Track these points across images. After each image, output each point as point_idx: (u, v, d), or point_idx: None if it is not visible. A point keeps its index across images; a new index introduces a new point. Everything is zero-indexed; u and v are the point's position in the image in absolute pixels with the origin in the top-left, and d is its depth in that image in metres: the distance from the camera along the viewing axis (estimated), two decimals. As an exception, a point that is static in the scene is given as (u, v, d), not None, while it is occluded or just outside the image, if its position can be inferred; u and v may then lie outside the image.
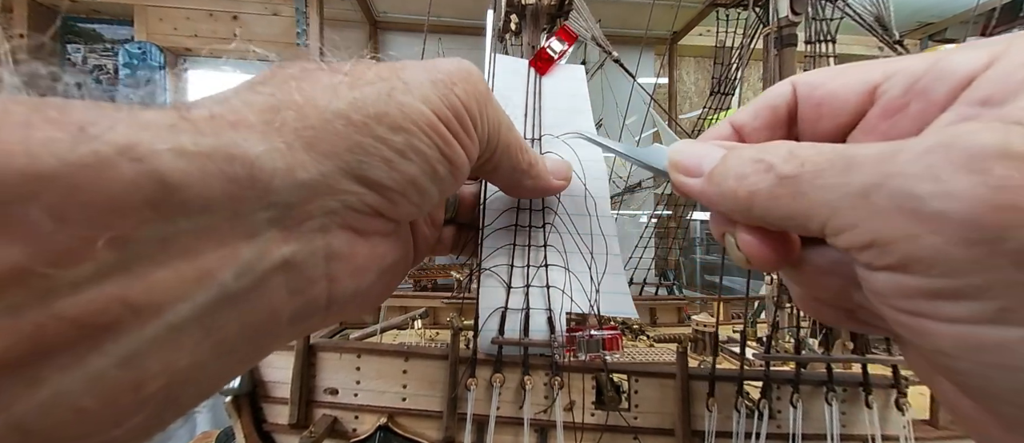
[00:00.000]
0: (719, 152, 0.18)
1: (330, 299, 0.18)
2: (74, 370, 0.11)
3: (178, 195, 0.12)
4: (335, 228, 0.17)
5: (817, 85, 0.18)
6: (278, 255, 0.15)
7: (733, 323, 1.75)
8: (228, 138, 0.14)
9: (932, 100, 0.14)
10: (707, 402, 0.90)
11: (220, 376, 0.15)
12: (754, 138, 0.20)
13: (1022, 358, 0.11)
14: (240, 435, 0.98)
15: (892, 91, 0.16)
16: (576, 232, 0.40)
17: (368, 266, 0.19)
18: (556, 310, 0.42)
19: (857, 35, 1.31)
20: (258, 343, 0.16)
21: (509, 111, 0.46)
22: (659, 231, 2.40)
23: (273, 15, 2.45)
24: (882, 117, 0.16)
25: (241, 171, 0.14)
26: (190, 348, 0.13)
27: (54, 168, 0.10)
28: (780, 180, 0.15)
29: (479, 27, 1.56)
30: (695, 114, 2.23)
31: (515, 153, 0.26)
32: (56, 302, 0.10)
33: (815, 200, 0.14)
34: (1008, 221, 0.11)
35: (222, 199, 0.13)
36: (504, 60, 0.53)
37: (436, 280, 2.37)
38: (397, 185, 0.18)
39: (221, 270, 0.13)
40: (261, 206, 0.14)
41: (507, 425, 0.85)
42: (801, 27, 1.32)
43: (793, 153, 0.15)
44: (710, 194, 0.18)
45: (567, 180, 0.33)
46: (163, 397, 0.13)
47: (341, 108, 0.17)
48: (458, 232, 0.34)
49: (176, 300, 0.12)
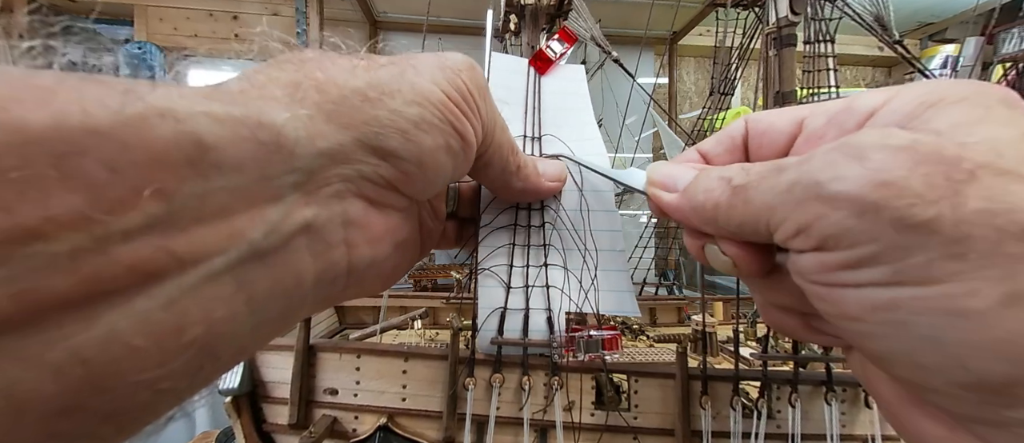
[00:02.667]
0: (692, 172, 0.22)
1: (350, 266, 0.19)
2: (125, 310, 0.12)
3: (213, 155, 0.13)
4: (351, 196, 0.19)
5: (761, 120, 0.22)
6: (301, 217, 0.16)
7: (733, 323, 1.75)
8: (256, 107, 0.15)
9: (844, 128, 0.18)
10: (701, 401, 0.90)
11: (254, 335, 0.16)
12: (717, 161, 0.24)
13: (909, 313, 0.14)
14: (240, 435, 0.98)
15: (814, 123, 0.20)
16: (575, 230, 0.39)
17: (383, 237, 0.21)
18: (555, 310, 0.42)
19: (857, 35, 1.31)
20: (287, 304, 0.17)
21: (508, 110, 0.46)
22: (659, 231, 2.40)
23: (273, 15, 2.45)
24: (807, 143, 0.20)
25: (268, 137, 0.15)
26: (226, 299, 0.14)
27: (107, 123, 0.11)
28: (734, 190, 0.19)
29: (479, 27, 1.56)
30: (695, 114, 2.23)
31: (506, 153, 0.27)
32: (111, 247, 0.11)
33: (760, 203, 0.17)
34: (885, 195, 0.14)
35: (252, 162, 0.15)
36: (502, 59, 0.52)
37: (436, 280, 2.37)
38: (412, 156, 0.20)
39: (251, 228, 0.15)
40: (286, 170, 0.16)
41: (507, 425, 0.85)
42: (800, 27, 1.32)
43: (744, 169, 0.19)
44: (684, 207, 0.22)
45: (561, 181, 0.34)
46: (202, 345, 0.14)
47: (358, 86, 0.18)
48: (460, 226, 0.35)
49: (213, 253, 0.14)
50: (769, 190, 0.17)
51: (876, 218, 0.14)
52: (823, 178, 0.15)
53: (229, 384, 0.94)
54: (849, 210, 0.14)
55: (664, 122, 2.13)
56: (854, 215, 0.14)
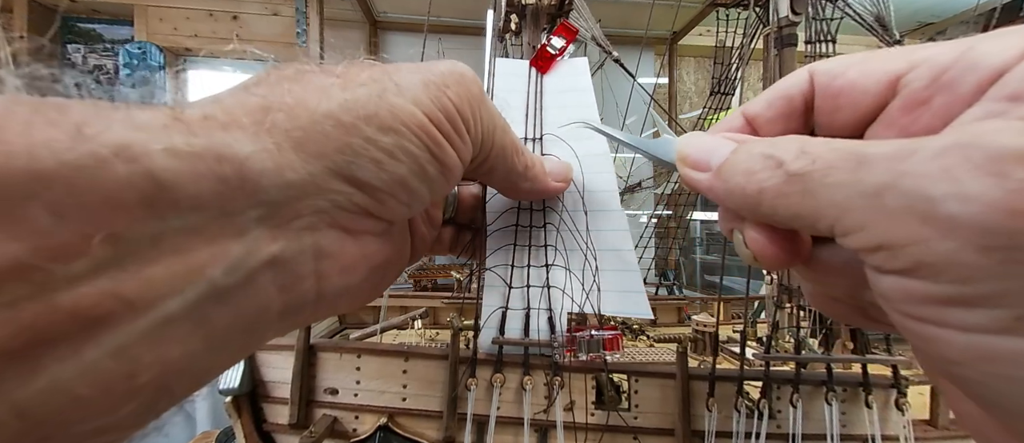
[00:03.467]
0: (729, 146, 0.18)
1: (319, 295, 0.18)
2: (70, 360, 0.11)
3: (170, 194, 0.13)
4: (324, 226, 0.17)
5: (836, 74, 0.17)
6: (266, 252, 0.15)
7: (733, 323, 1.75)
8: (219, 139, 0.14)
9: (958, 94, 0.13)
10: (707, 402, 0.90)
11: (213, 367, 0.16)
12: (767, 130, 0.19)
13: None
14: (240, 435, 0.98)
15: (915, 83, 0.14)
16: (577, 230, 0.39)
17: (357, 264, 0.19)
18: (557, 310, 0.41)
19: (857, 35, 1.31)
20: (249, 336, 0.16)
21: (510, 113, 0.46)
22: (659, 231, 2.40)
23: (273, 15, 2.45)
24: (904, 111, 0.15)
25: (230, 171, 0.14)
26: (181, 340, 0.13)
27: (54, 168, 0.11)
28: (789, 178, 0.14)
29: (479, 27, 1.56)
30: (695, 114, 2.23)
31: (510, 156, 0.26)
32: (54, 295, 0.11)
33: (824, 199, 0.13)
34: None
35: (212, 198, 0.14)
36: (504, 63, 0.53)
37: (436, 280, 2.37)
38: (386, 185, 0.18)
39: (211, 266, 0.14)
40: (250, 205, 0.15)
41: (507, 425, 0.85)
42: (801, 27, 1.32)
43: (804, 149, 0.14)
44: (718, 189, 0.18)
45: (567, 182, 0.33)
46: (156, 386, 0.13)
47: (331, 109, 0.17)
48: (457, 232, 0.34)
49: (167, 295, 0.13)
50: (843, 187, 0.13)
51: (1007, 257, 0.10)
52: (936, 193, 0.11)
53: (229, 384, 0.94)
54: (968, 241, 0.11)
55: (664, 122, 2.13)
56: (974, 248, 0.11)
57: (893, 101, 0.15)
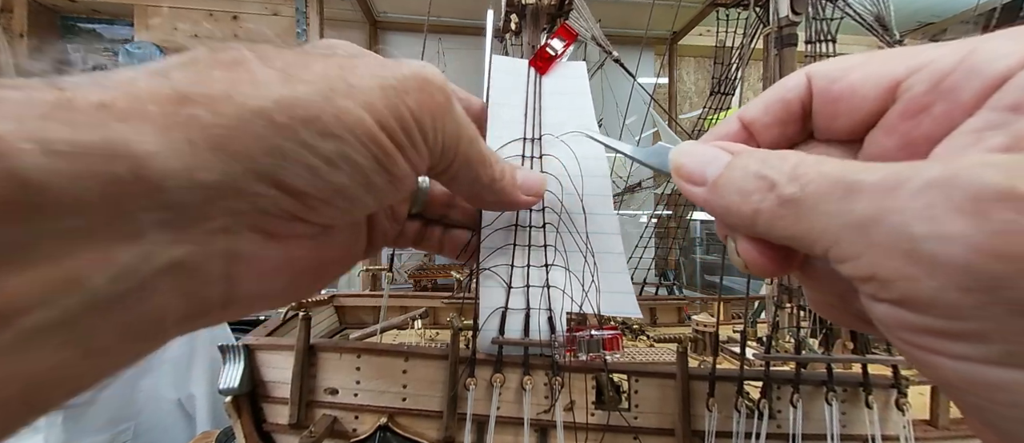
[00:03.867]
0: (724, 158, 0.17)
1: (229, 299, 0.17)
2: None
3: (40, 197, 0.11)
4: (243, 230, 0.16)
5: (835, 78, 0.16)
6: (166, 257, 0.14)
7: (733, 323, 1.75)
8: (114, 132, 0.12)
9: (958, 102, 0.13)
10: (707, 402, 0.90)
11: (91, 376, 0.14)
12: (764, 135, 0.19)
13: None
14: (240, 435, 0.98)
15: (916, 89, 0.14)
16: (576, 231, 0.39)
17: (278, 269, 0.18)
18: (556, 310, 0.41)
19: (857, 35, 1.31)
20: (141, 343, 0.15)
21: (507, 112, 0.46)
22: (659, 231, 2.40)
23: (273, 15, 2.45)
24: (904, 117, 0.15)
25: (124, 170, 0.12)
26: (51, 352, 0.12)
27: None
28: (782, 202, 0.14)
29: (479, 27, 1.56)
30: (695, 114, 2.23)
31: (475, 167, 0.25)
32: None
33: (817, 226, 0.13)
34: (1005, 270, 0.10)
35: (99, 200, 0.12)
36: (501, 61, 0.52)
37: (436, 280, 2.37)
38: (319, 193, 0.17)
39: (92, 274, 0.12)
40: (148, 207, 0.13)
41: (507, 425, 0.85)
42: (801, 27, 1.32)
43: (796, 173, 0.14)
44: (714, 205, 0.17)
45: (538, 196, 0.31)
46: (22, 400, 0.12)
47: (264, 106, 0.15)
48: (425, 227, 0.32)
49: (33, 306, 0.11)
50: (833, 217, 0.13)
51: (989, 298, 0.10)
52: (918, 232, 0.11)
53: (229, 384, 0.94)
54: (950, 282, 0.11)
55: (664, 122, 2.13)
56: (958, 289, 0.11)
57: (893, 106, 0.15)
